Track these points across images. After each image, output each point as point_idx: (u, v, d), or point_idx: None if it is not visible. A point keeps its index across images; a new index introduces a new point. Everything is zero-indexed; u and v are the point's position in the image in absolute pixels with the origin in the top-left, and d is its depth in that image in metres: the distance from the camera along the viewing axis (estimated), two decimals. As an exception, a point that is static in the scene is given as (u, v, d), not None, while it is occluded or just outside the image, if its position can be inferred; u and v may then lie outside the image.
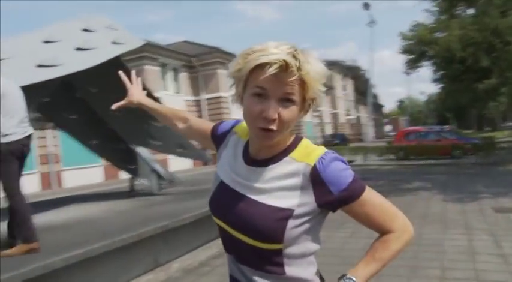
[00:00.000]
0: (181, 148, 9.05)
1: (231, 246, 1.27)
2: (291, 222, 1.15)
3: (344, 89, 57.88)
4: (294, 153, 1.22)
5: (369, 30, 26.24)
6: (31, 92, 5.53)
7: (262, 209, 1.17)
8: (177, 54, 27.22)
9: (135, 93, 1.71)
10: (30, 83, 5.30)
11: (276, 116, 1.11)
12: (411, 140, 21.55)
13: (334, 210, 1.22)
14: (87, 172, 19.25)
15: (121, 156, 9.19)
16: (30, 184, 17.08)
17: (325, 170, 1.16)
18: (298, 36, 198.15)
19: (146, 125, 8.21)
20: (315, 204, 1.17)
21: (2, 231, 4.53)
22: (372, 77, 61.58)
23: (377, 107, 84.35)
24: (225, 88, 28.48)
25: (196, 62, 28.11)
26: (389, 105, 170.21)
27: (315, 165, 1.17)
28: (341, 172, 1.17)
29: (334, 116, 52.80)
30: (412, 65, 24.74)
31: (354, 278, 1.18)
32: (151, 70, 24.84)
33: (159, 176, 8.94)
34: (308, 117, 42.04)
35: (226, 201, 1.24)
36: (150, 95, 1.84)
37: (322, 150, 1.21)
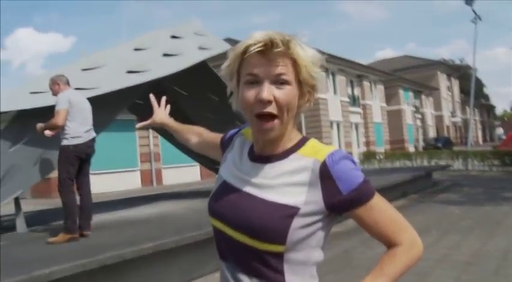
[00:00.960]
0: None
1: (227, 250, 1.16)
2: (296, 222, 1.07)
3: (449, 89, 55.01)
4: (302, 150, 1.16)
5: (476, 27, 24.64)
6: (122, 95, 6.04)
7: (266, 205, 1.09)
8: (275, 57, 27.51)
9: (160, 114, 1.81)
10: (120, 88, 5.78)
11: (271, 97, 1.07)
12: (521, 145, 19.96)
13: (340, 213, 1.13)
14: (185, 171, 20.12)
15: (209, 157, 9.55)
16: (132, 180, 18.29)
17: (334, 166, 1.09)
18: (402, 35, 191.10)
19: (233, 127, 8.49)
20: (323, 203, 1.09)
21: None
22: (481, 76, 57.50)
23: (488, 109, 79.07)
24: (323, 89, 28.29)
25: (294, 63, 28.18)
26: (503, 106, 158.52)
27: (324, 161, 1.10)
28: (352, 171, 1.11)
29: (438, 118, 50.33)
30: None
31: None
32: (249, 72, 25.39)
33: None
34: (409, 120, 40.71)
35: (227, 199, 1.17)
36: None
37: (332, 147, 1.15)
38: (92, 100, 5.54)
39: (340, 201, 1.09)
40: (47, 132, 5.01)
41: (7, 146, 5.60)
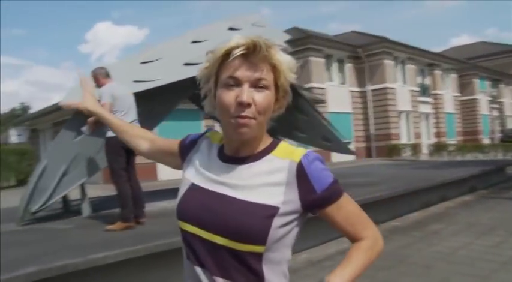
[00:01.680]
0: (325, 141, 9.16)
1: (205, 254, 1.13)
2: (276, 221, 1.09)
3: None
4: (275, 152, 1.18)
5: None
6: (179, 87, 6.21)
7: (245, 206, 1.10)
8: (341, 45, 27.10)
9: (88, 100, 1.62)
10: (176, 80, 5.94)
11: (250, 100, 1.07)
12: None
13: (313, 212, 1.17)
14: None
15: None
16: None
17: (309, 167, 1.13)
18: (481, 21, 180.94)
19: (292, 117, 8.51)
20: (299, 203, 1.13)
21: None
22: None
23: None
24: (392, 79, 27.56)
25: (362, 52, 27.63)
26: None
27: (300, 162, 1.14)
28: (323, 171, 1.15)
29: (518, 109, 47.50)
30: None
31: None
32: (316, 62, 25.15)
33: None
34: (485, 110, 38.74)
35: (200, 203, 1.15)
36: None
37: (303, 149, 1.19)
38: (150, 92, 5.74)
39: (314, 200, 1.13)
40: (85, 129, 5.37)
41: (72, 136, 5.94)
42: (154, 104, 5.64)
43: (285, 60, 1.12)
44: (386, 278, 4.54)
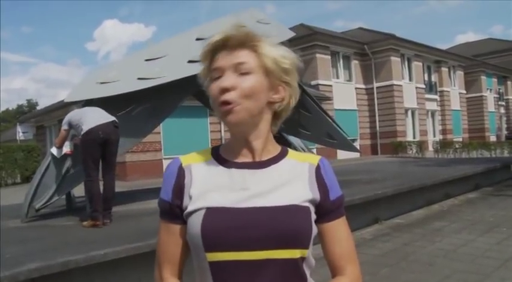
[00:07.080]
0: (329, 138, 9.13)
1: (253, 278, 1.01)
2: (312, 220, 1.07)
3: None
4: (290, 156, 1.15)
5: None
6: (184, 84, 6.21)
7: (286, 210, 1.03)
8: (348, 42, 27.02)
9: None
10: (182, 77, 5.95)
11: (230, 83, 1.03)
12: None
13: (316, 221, 1.10)
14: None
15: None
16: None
17: (326, 173, 1.14)
18: (487, 17, 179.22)
19: (297, 114, 8.49)
20: (318, 204, 1.10)
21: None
22: None
23: None
24: (398, 76, 27.45)
25: (368, 49, 27.52)
26: None
27: (318, 165, 1.14)
28: (335, 180, 1.16)
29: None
30: None
31: None
32: (322, 58, 25.10)
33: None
34: (491, 107, 38.66)
35: (233, 223, 1.01)
36: None
37: (316, 155, 1.20)
38: (154, 89, 5.76)
39: (327, 207, 1.12)
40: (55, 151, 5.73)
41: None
42: (158, 101, 5.65)
43: (274, 49, 1.08)
44: (388, 274, 4.54)
